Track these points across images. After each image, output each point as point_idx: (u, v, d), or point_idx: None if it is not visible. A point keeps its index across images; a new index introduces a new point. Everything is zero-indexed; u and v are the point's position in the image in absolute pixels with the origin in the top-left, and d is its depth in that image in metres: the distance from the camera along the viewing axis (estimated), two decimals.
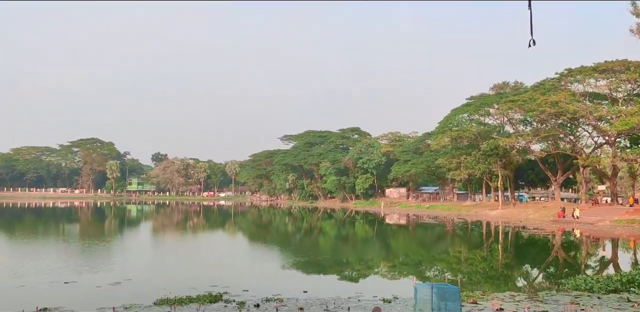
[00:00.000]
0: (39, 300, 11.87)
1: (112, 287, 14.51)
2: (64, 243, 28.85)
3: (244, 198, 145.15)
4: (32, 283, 15.07)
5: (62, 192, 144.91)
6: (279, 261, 22.61)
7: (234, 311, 11.26)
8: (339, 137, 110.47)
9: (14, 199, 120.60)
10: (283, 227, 46.99)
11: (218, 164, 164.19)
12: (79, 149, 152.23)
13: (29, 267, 18.04)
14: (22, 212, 68.19)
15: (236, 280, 15.56)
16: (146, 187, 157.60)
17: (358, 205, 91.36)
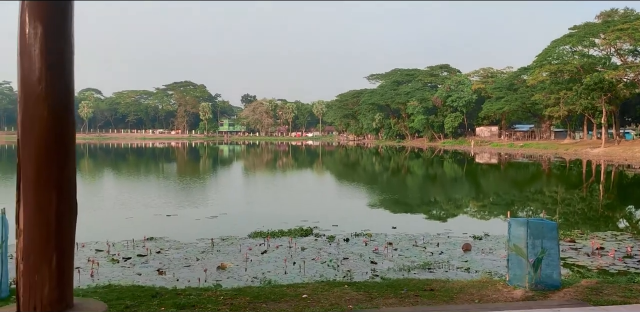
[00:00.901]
0: (145, 230, 12.73)
1: (210, 220, 15.34)
2: (164, 180, 30.77)
3: (331, 138, 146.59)
4: (139, 215, 16.24)
5: (159, 134, 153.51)
6: (367, 199, 22.81)
7: (324, 244, 11.56)
8: (427, 75, 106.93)
9: (118, 139, 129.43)
10: (370, 167, 47.19)
11: (305, 104, 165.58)
12: (174, 92, 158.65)
13: (135, 202, 19.44)
14: (126, 152, 73.13)
15: (325, 216, 15.90)
16: (237, 128, 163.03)
17: (446, 144, 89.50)
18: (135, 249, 11.09)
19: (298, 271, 9.26)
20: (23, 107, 2.54)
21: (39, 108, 2.50)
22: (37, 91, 2.46)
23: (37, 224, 2.48)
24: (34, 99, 2.49)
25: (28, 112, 2.52)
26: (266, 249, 11.08)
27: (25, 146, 2.54)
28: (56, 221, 2.49)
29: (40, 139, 2.49)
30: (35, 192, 2.48)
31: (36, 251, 2.48)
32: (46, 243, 2.48)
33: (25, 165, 2.51)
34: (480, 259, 10.27)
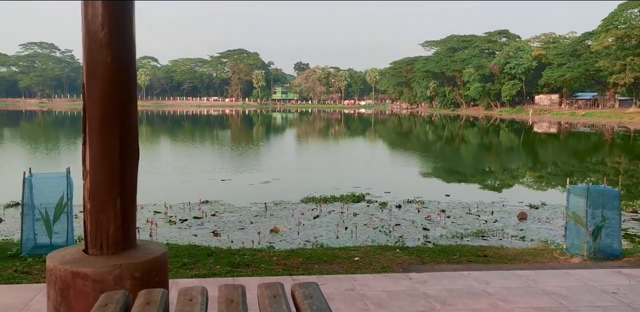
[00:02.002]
0: (201, 194, 13.10)
1: (263, 185, 15.62)
2: (219, 147, 31.43)
3: (384, 106, 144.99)
4: (194, 180, 16.72)
5: (214, 101, 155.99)
6: (420, 167, 22.58)
7: (376, 210, 11.59)
8: (484, 41, 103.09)
9: (174, 107, 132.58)
10: (423, 135, 46.54)
11: (358, 72, 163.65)
12: (228, 59, 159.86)
13: (191, 167, 19.98)
14: (181, 120, 74.90)
15: (377, 183, 15.87)
16: (289, 96, 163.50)
17: (503, 113, 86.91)
18: (191, 211, 11.45)
19: (350, 235, 9.35)
20: (87, 53, 2.62)
21: (102, 54, 2.58)
22: (99, 37, 2.54)
23: (102, 166, 2.60)
24: (97, 45, 2.58)
25: (92, 58, 2.62)
26: (318, 214, 11.21)
27: (90, 90, 2.64)
28: (120, 163, 2.61)
29: (104, 83, 2.59)
30: (100, 134, 2.60)
31: (101, 192, 2.62)
32: (111, 184, 2.61)
33: (90, 108, 2.62)
34: (537, 228, 10.04)
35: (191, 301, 1.49)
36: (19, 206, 11.31)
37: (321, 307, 1.44)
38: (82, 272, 2.33)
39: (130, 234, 2.64)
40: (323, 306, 1.44)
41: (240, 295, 1.51)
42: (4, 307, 4.54)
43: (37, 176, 7.68)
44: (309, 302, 1.48)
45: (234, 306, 1.47)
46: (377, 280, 5.33)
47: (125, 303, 1.51)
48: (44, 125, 56.94)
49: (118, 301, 1.50)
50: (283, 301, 1.50)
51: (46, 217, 7.45)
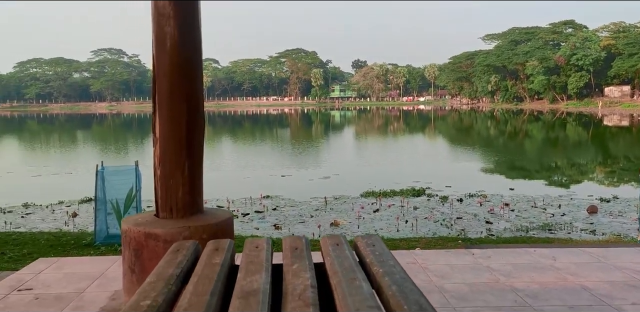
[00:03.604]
0: (262, 189, 13.32)
1: (323, 180, 15.71)
2: (279, 144, 31.89)
3: (444, 102, 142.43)
4: (256, 176, 17.03)
5: (273, 100, 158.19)
6: (482, 161, 22.05)
7: (436, 204, 11.42)
8: (548, 33, 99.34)
9: (234, 107, 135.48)
10: (485, 130, 45.40)
11: (417, 68, 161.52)
12: (286, 59, 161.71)
13: (253, 164, 20.37)
14: (242, 119, 76.41)
15: (438, 177, 15.63)
16: (348, 94, 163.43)
17: (570, 106, 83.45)
18: (253, 206, 11.67)
19: (410, 228, 9.26)
20: (156, 25, 2.75)
21: (169, 26, 2.70)
22: (167, 11, 2.65)
23: (170, 134, 2.74)
24: (165, 18, 2.69)
25: (161, 30, 2.74)
26: (378, 207, 11.17)
27: (159, 62, 2.77)
28: (187, 132, 2.73)
29: (172, 55, 2.71)
30: (168, 104, 2.73)
31: (170, 159, 2.75)
32: (179, 152, 2.74)
33: (159, 80, 2.75)
34: (608, 222, 9.59)
35: (257, 248, 1.55)
36: (92, 201, 11.93)
37: (383, 253, 1.46)
38: (154, 233, 2.46)
39: (198, 199, 2.77)
40: (385, 252, 1.46)
41: (304, 243, 1.56)
42: (84, 275, 5.06)
43: (109, 168, 8.06)
44: (372, 249, 1.51)
45: (298, 252, 1.52)
46: (439, 255, 5.33)
47: (195, 250, 1.59)
48: (113, 127, 59.62)
49: (189, 248, 1.58)
50: (346, 248, 1.53)
51: (117, 208, 7.81)
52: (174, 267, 1.36)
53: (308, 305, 1.06)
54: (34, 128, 59.78)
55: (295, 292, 1.14)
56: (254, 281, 1.22)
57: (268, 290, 1.19)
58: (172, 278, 1.29)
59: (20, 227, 9.71)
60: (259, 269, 1.32)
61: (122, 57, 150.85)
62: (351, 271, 1.29)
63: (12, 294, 4.55)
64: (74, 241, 7.71)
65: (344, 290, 1.13)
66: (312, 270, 1.34)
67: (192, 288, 1.18)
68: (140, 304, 1.09)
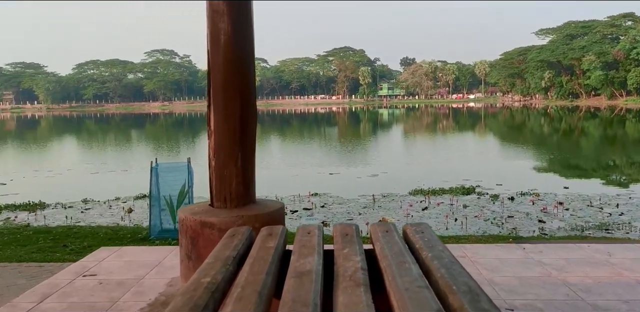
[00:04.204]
0: (310, 186, 13.41)
1: (371, 178, 15.69)
2: (326, 142, 32.02)
3: (495, 99, 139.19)
4: (303, 173, 17.17)
5: (321, 99, 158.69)
6: (535, 160, 21.47)
7: (487, 203, 11.22)
8: (606, 26, 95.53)
9: (283, 106, 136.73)
10: (538, 128, 44.14)
11: (467, 65, 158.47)
12: (334, 58, 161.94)
13: (301, 161, 20.55)
14: (290, 118, 77.04)
15: (488, 176, 15.33)
16: (396, 92, 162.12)
17: (630, 102, 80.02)
18: (301, 203, 11.78)
19: (460, 227, 9.14)
20: (210, 22, 2.86)
21: (223, 23, 2.79)
22: (221, 9, 2.75)
23: (225, 126, 2.84)
24: (219, 15, 2.79)
25: (215, 27, 2.84)
26: (427, 205, 11.08)
27: (213, 57, 2.88)
28: (240, 125, 2.82)
29: (225, 51, 2.81)
30: (222, 98, 2.83)
31: (224, 151, 2.85)
32: (232, 143, 2.84)
33: (214, 75, 2.85)
34: None
35: (309, 234, 1.61)
36: (146, 197, 12.34)
37: (432, 239, 1.49)
38: (209, 222, 2.58)
39: (250, 190, 2.88)
40: (434, 238, 1.49)
41: (354, 230, 1.61)
42: (143, 263, 5.37)
43: (162, 165, 8.33)
44: (420, 236, 1.54)
45: (349, 238, 1.56)
46: (488, 249, 5.28)
47: (250, 236, 1.67)
48: (165, 126, 61.29)
49: (244, 233, 1.66)
50: (395, 235, 1.56)
51: (170, 203, 8.06)
52: (230, 250, 1.44)
53: (359, 285, 1.10)
54: (92, 127, 62.20)
55: (347, 274, 1.19)
56: (307, 263, 1.27)
57: (320, 271, 1.24)
58: (229, 259, 1.36)
59: (80, 221, 10.15)
60: (311, 252, 1.38)
61: (173, 58, 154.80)
62: (400, 255, 1.32)
63: (78, 279, 4.93)
64: (130, 234, 8.01)
65: (394, 272, 1.17)
66: (362, 254, 1.38)
67: (248, 268, 1.25)
68: (201, 281, 1.16)
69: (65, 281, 4.89)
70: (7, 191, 14.42)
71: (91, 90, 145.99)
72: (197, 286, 1.14)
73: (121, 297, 4.39)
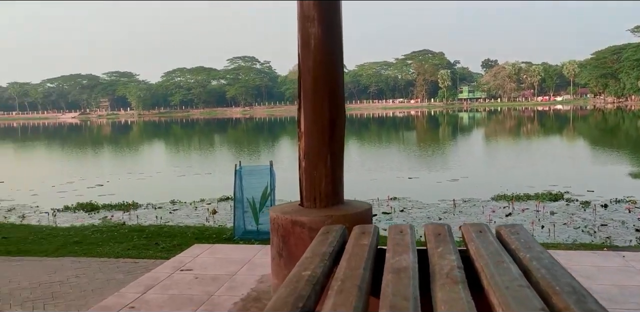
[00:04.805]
0: (389, 191, 13.35)
1: (451, 183, 15.37)
2: (405, 146, 31.71)
3: (585, 101, 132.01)
4: (382, 177, 17.11)
5: (399, 103, 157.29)
6: (631, 165, 20.15)
7: (576, 210, 10.67)
8: None
9: (360, 110, 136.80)
10: (635, 131, 41.41)
11: (553, 66, 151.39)
12: (412, 61, 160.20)
13: (379, 166, 20.47)
14: (368, 122, 76.94)
15: (578, 181, 14.58)
16: (476, 95, 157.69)
17: None
18: (380, 207, 11.73)
19: (547, 234, 8.76)
20: (301, 27, 2.95)
21: (313, 27, 2.89)
22: (312, 14, 2.84)
23: (314, 128, 2.92)
24: (310, 20, 2.88)
25: (306, 31, 2.94)
26: (510, 211, 10.71)
27: (304, 61, 2.97)
28: (329, 126, 2.89)
29: (315, 54, 2.89)
30: (312, 100, 2.91)
31: (314, 151, 2.93)
32: (322, 144, 2.92)
33: (304, 78, 2.94)
34: None
35: (401, 232, 1.63)
36: (229, 200, 12.77)
37: (529, 240, 1.46)
38: (299, 221, 2.67)
39: (339, 190, 2.96)
40: (530, 240, 1.46)
41: (447, 230, 1.61)
42: (234, 260, 5.70)
43: (245, 168, 8.61)
44: (516, 237, 1.52)
45: (442, 237, 1.57)
46: (583, 256, 5.05)
47: (343, 233, 1.72)
48: (246, 131, 63.13)
49: (337, 231, 1.71)
50: (489, 235, 1.55)
51: (253, 205, 8.31)
52: (326, 246, 1.50)
53: (456, 282, 1.11)
54: (178, 132, 65.19)
55: (443, 272, 1.20)
56: (403, 260, 1.29)
57: (416, 268, 1.26)
58: (326, 255, 1.42)
59: (169, 221, 10.67)
60: (405, 250, 1.40)
61: (254, 64, 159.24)
62: (497, 254, 1.31)
63: (176, 273, 5.33)
64: (215, 235, 8.33)
65: (492, 271, 1.16)
66: (456, 253, 1.39)
67: (345, 264, 1.30)
68: (302, 274, 1.22)
69: (165, 275, 5.29)
70: (104, 191, 15.43)
71: (178, 97, 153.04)
72: (298, 278, 1.20)
73: (216, 292, 4.69)
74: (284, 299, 1.13)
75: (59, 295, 5.35)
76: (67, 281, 5.79)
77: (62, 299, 5.24)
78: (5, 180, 18.66)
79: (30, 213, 12.23)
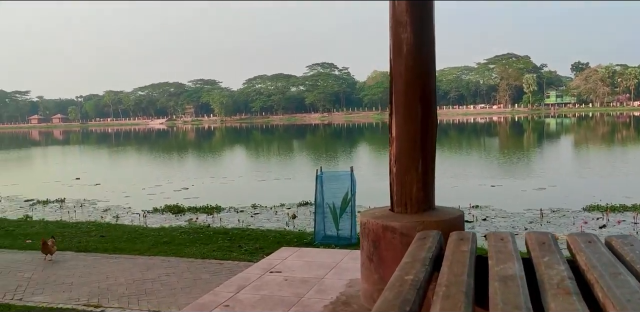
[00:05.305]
0: (470, 199, 12.99)
1: (537, 192, 14.73)
2: (486, 153, 30.74)
3: None
4: (463, 185, 16.65)
5: (480, 108, 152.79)
6: None
7: None
8: None
9: (440, 116, 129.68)
10: None
11: None
12: (495, 65, 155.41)
13: (460, 172, 19.93)
14: (448, 128, 75.40)
15: None
16: (565, 100, 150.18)
17: None
18: None
19: None
20: (393, 32, 2.96)
21: (405, 32, 2.89)
22: (404, 19, 2.85)
23: (406, 133, 2.92)
24: (402, 26, 2.90)
25: (397, 37, 2.95)
26: (605, 223, 10.11)
27: (395, 65, 2.98)
28: (421, 131, 2.88)
29: (407, 58, 2.90)
30: (404, 105, 2.92)
31: (405, 156, 2.93)
32: (413, 149, 2.91)
33: (395, 82, 2.95)
34: None
35: (502, 240, 1.59)
36: (308, 205, 12.94)
37: None
38: (391, 226, 2.66)
39: (430, 196, 2.93)
40: None
41: (551, 239, 1.56)
42: (321, 263, 5.85)
43: (326, 174, 8.68)
44: (630, 248, 1.44)
45: (547, 246, 1.52)
46: None
47: (440, 239, 1.70)
48: (324, 137, 63.70)
49: (434, 236, 1.69)
50: (600, 246, 1.49)
51: (334, 211, 8.35)
52: (425, 251, 1.48)
53: (569, 293, 1.06)
54: (258, 138, 66.90)
55: (552, 282, 1.15)
56: (508, 268, 1.26)
57: (524, 277, 1.22)
58: (427, 260, 1.41)
59: (250, 225, 10.95)
60: (509, 258, 1.36)
61: (333, 71, 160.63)
62: (612, 266, 1.24)
63: (266, 274, 5.55)
64: (296, 239, 8.44)
65: (608, 283, 1.10)
66: (565, 263, 1.33)
67: (447, 270, 1.28)
68: (404, 278, 1.21)
69: (256, 276, 5.53)
70: (189, 194, 16.09)
71: (258, 103, 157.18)
72: (402, 282, 1.20)
73: (305, 294, 4.82)
74: (391, 301, 1.13)
75: (151, 292, 5.64)
76: (159, 279, 6.09)
77: (154, 296, 5.52)
78: (101, 182, 19.93)
79: (123, 214, 12.98)
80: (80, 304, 5.35)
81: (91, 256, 7.40)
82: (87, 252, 7.62)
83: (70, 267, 6.79)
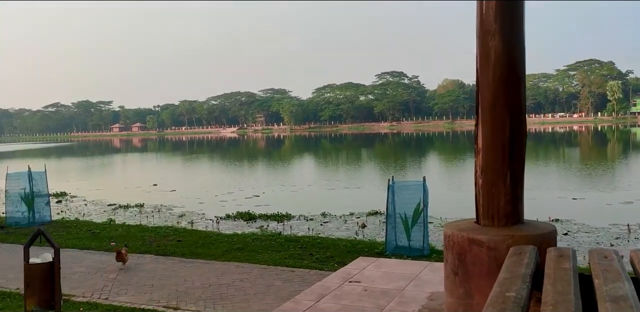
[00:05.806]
0: (549, 212, 12.44)
1: (624, 206, 13.92)
2: (565, 164, 29.38)
3: None
4: (541, 197, 15.94)
5: (560, 117, 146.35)
6: None
7: None
8: None
9: None
10: None
11: None
12: (576, 72, 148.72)
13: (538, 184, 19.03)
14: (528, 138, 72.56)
15: None
16: None
17: None
18: None
19: None
20: (481, 41, 2.90)
21: (493, 41, 2.83)
22: (492, 28, 2.79)
23: (493, 144, 2.85)
24: (490, 35, 2.84)
25: (485, 46, 2.90)
26: None
27: (483, 74, 2.92)
28: (509, 142, 2.80)
29: (495, 67, 2.83)
30: (491, 115, 2.85)
31: (492, 168, 2.85)
32: (501, 161, 2.83)
33: (482, 92, 2.89)
34: None
35: (606, 258, 1.52)
36: (378, 214, 12.84)
37: None
38: (477, 239, 2.58)
39: (519, 209, 2.83)
40: None
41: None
42: (401, 275, 5.78)
43: (398, 183, 8.59)
44: None
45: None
46: None
47: (536, 255, 1.64)
48: (393, 146, 63.16)
49: (530, 252, 1.64)
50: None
51: (405, 221, 8.24)
52: (523, 267, 1.43)
53: None
54: (327, 147, 67.28)
55: None
56: (618, 288, 1.19)
57: (637, 297, 1.15)
58: (526, 276, 1.35)
59: (320, 233, 10.99)
60: (618, 278, 1.29)
61: (402, 79, 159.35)
62: None
63: (345, 284, 5.53)
64: (367, 248, 8.39)
65: None
66: None
67: (551, 288, 1.22)
68: (506, 294, 1.17)
69: (335, 285, 5.52)
70: (260, 202, 16.39)
71: (327, 112, 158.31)
72: (504, 299, 1.16)
73: (386, 306, 4.77)
74: None
75: (226, 296, 5.77)
76: (233, 284, 6.24)
77: (228, 300, 5.65)
78: (176, 188, 20.70)
79: (197, 219, 13.40)
80: (161, 305, 5.56)
81: (170, 259, 7.69)
82: (165, 256, 7.92)
83: (151, 270, 7.08)
